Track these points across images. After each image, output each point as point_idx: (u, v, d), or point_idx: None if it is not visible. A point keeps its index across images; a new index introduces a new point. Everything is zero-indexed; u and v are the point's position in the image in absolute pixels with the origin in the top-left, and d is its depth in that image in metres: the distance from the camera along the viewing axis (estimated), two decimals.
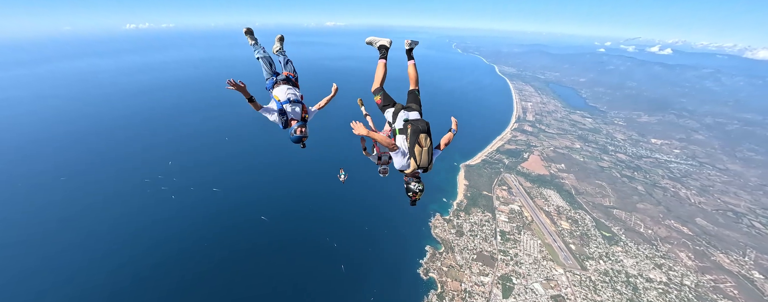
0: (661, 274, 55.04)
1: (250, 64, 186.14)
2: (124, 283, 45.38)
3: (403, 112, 5.92)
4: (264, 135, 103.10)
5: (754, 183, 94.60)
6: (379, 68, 6.45)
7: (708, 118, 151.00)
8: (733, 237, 67.38)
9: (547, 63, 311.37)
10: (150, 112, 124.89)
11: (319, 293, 45.45)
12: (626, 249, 60.70)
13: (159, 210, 62.78)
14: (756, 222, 74.51)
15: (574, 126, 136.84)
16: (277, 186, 73.92)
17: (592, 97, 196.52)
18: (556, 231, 64.08)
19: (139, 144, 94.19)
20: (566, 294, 48.94)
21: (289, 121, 6.21)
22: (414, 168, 5.39)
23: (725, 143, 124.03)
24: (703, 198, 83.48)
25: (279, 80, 6.74)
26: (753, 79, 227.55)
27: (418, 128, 5.35)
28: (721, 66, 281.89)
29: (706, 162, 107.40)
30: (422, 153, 5.28)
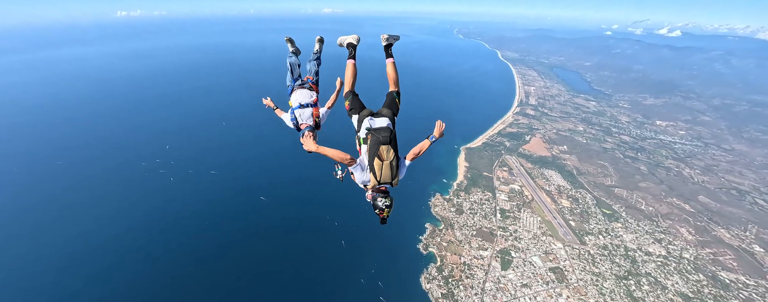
0: (660, 248, 55.31)
1: (245, 51, 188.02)
2: (126, 266, 45.74)
3: (369, 118, 5.29)
4: (261, 121, 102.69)
5: (759, 162, 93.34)
6: (347, 70, 5.88)
7: (715, 100, 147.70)
8: (735, 214, 67.16)
9: (552, 47, 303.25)
10: (146, 98, 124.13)
11: (320, 267, 46.28)
12: (626, 225, 60.81)
13: (159, 192, 63.30)
14: (760, 199, 74.00)
15: (577, 109, 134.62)
16: (275, 169, 74.13)
17: (597, 81, 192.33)
18: (556, 209, 64.16)
19: (136, 129, 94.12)
20: (565, 266, 49.48)
21: (300, 126, 6.25)
22: (374, 184, 4.93)
23: (732, 124, 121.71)
24: (706, 177, 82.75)
25: (296, 86, 6.77)
26: (764, 60, 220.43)
27: (378, 139, 4.83)
28: (732, 48, 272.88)
29: (712, 143, 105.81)
30: (383, 167, 4.78)
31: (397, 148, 5.00)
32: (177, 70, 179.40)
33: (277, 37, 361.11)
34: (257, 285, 43.82)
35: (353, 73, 5.87)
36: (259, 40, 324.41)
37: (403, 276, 45.52)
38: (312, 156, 5.64)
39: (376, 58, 36.45)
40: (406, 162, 5.16)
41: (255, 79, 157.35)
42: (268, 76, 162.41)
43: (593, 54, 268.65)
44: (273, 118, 7.04)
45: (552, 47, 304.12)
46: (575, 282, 46.69)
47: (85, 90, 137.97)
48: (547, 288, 45.43)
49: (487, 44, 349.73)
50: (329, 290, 42.82)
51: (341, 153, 4.86)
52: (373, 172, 4.84)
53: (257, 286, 43.60)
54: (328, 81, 7.08)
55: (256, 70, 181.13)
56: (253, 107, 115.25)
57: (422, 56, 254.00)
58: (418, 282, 44.57)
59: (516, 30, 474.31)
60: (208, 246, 49.68)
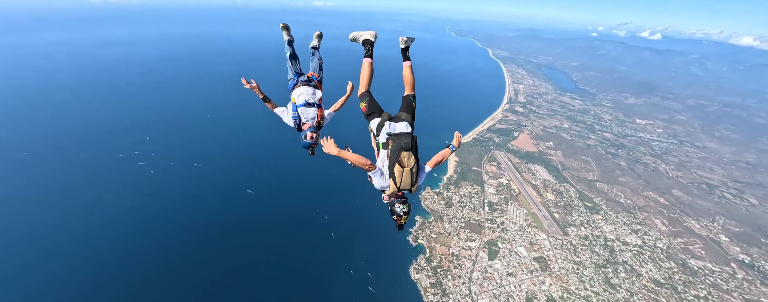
0: (636, 238, 58.25)
1: (233, 42, 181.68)
2: (99, 263, 43.33)
3: (389, 123, 5.17)
4: (248, 114, 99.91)
5: (727, 159, 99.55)
6: (364, 69, 5.60)
7: (691, 101, 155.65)
8: (705, 206, 71.50)
9: (541, 47, 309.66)
10: (124, 88, 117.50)
11: (310, 259, 45.96)
12: (606, 217, 63.59)
13: (137, 185, 60.41)
14: (727, 193, 79.10)
15: (563, 107, 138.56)
16: (263, 162, 72.42)
17: (583, 80, 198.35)
18: (541, 202, 66.20)
19: (114, 119, 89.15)
20: (548, 256, 51.34)
21: (301, 125, 5.92)
22: (393, 190, 4.84)
23: (705, 123, 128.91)
24: (680, 173, 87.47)
25: (300, 81, 6.33)
26: (736, 64, 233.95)
27: (400, 145, 4.72)
28: (707, 52, 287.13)
29: (686, 141, 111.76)
30: (403, 174, 4.69)
31: (417, 154, 4.89)
32: (159, 59, 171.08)
33: (267, 28, 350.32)
34: (245, 278, 43.09)
35: (370, 72, 5.61)
36: (248, 32, 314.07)
37: (393, 267, 45.93)
38: (299, 153, 5.32)
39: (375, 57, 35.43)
40: (427, 169, 5.11)
41: (242, 71, 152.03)
42: (256, 69, 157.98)
43: (579, 54, 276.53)
44: (262, 111, 6.47)
45: (541, 47, 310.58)
46: (557, 271, 48.58)
47: (57, 77, 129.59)
48: (531, 276, 47.04)
49: (479, 42, 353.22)
50: (318, 281, 42.67)
51: (362, 159, 4.77)
52: (393, 178, 4.75)
53: (245, 279, 42.88)
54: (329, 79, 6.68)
55: (243, 62, 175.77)
56: (241, 100, 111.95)
57: (415, 53, 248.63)
58: (408, 273, 45.11)
59: (507, 29, 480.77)
60: (193, 240, 48.27)
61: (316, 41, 7.12)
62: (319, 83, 6.57)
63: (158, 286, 40.96)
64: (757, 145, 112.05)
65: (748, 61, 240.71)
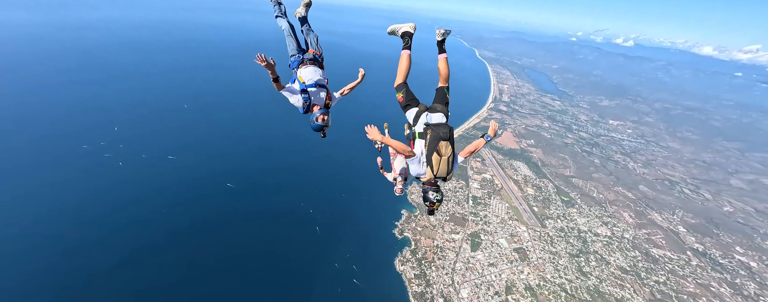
0: (606, 230, 62.36)
1: (210, 30, 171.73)
2: (59, 264, 39.90)
3: (427, 114, 5.37)
4: (229, 105, 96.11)
5: (687, 157, 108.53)
6: (402, 60, 5.69)
7: (657, 104, 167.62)
8: (666, 200, 77.68)
9: (524, 50, 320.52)
10: (90, 75, 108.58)
11: (293, 253, 45.20)
12: (580, 210, 67.49)
13: (103, 178, 55.93)
14: (686, 188, 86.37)
15: (544, 107, 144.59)
16: (245, 156, 69.61)
17: (562, 83, 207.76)
18: (522, 196, 69.08)
19: (77, 108, 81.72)
20: (527, 247, 53.84)
21: (311, 107, 5.68)
22: (430, 177, 5.01)
23: (669, 125, 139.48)
24: (646, 170, 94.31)
25: (306, 59, 6.05)
26: (697, 72, 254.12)
27: (438, 135, 4.92)
28: (673, 59, 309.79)
29: (652, 141, 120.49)
30: (440, 162, 4.88)
31: (454, 144, 5.07)
32: (131, 45, 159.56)
33: (247, 18, 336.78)
34: (226, 272, 41.76)
35: (408, 64, 5.69)
36: (230, 21, 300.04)
37: (378, 259, 46.29)
38: (286, 140, 5.18)
39: (356, 37, 34.68)
40: (460, 158, 5.28)
41: (221, 61, 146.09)
42: (237, 58, 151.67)
43: (560, 58, 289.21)
44: (243, 102, 5.94)
45: (525, 49, 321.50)
46: (535, 260, 51.10)
47: (15, 62, 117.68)
48: (511, 266, 49.16)
49: (466, 42, 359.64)
50: (302, 275, 42.17)
51: (404, 146, 4.96)
52: (430, 166, 4.92)
53: (226, 274, 41.56)
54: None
55: (221, 50, 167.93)
56: (221, 90, 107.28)
57: (398, 50, 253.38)
58: (393, 265, 45.66)
59: (493, 31, 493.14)
60: (168, 233, 45.94)
61: (303, 10, 6.77)
62: (321, 62, 6.38)
63: (129, 285, 38.79)
64: (713, 145, 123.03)
65: (707, 70, 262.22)
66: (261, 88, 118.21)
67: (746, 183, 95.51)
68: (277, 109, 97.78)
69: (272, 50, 6.66)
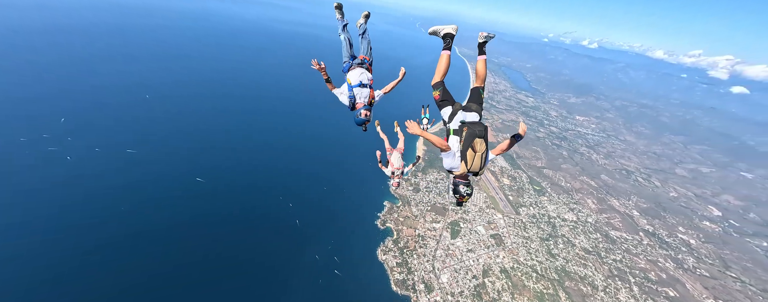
0: (572, 215, 67.50)
1: (176, 16, 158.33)
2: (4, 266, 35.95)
3: (461, 112, 5.68)
4: (197, 96, 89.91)
5: (641, 150, 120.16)
6: (442, 60, 5.94)
7: (617, 102, 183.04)
8: (623, 188, 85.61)
9: (501, 49, 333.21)
10: (34, 59, 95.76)
11: (272, 247, 43.79)
12: (550, 198, 72.31)
13: (47, 172, 49.81)
14: (640, 177, 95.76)
15: (519, 103, 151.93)
16: (216, 150, 65.15)
17: (535, 81, 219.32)
18: (498, 186, 72.46)
19: (14, 97, 71.91)
20: (502, 233, 56.80)
21: (356, 104, 6.45)
22: (463, 171, 5.26)
23: (626, 120, 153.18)
24: (607, 161, 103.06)
25: (355, 63, 6.79)
26: (650, 73, 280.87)
27: (474, 132, 5.18)
28: (631, 62, 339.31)
29: (612, 135, 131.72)
30: (475, 158, 5.14)
31: (488, 141, 5.24)
32: (83, 29, 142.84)
33: (216, 5, 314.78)
34: (200, 268, 39.43)
35: (447, 64, 5.92)
36: (196, 7, 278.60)
37: (361, 250, 46.31)
38: (262, 135, 4.80)
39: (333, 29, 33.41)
40: (491, 155, 5.51)
41: (186, 49, 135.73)
42: (204, 47, 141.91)
43: (533, 58, 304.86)
44: (215, 93, 5.68)
45: (501, 49, 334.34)
46: (510, 245, 54.09)
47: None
48: (488, 251, 51.62)
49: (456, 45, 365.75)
50: (281, 268, 41.03)
51: (441, 140, 5.16)
52: (464, 161, 5.15)
53: (201, 270, 39.25)
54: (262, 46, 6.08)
55: (190, 38, 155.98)
56: (190, 81, 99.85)
57: (386, 46, 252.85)
58: (375, 255, 45.93)
59: (472, 30, 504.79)
60: (128, 233, 42.26)
61: (364, 20, 7.40)
62: (369, 66, 6.96)
63: (91, 288, 35.30)
64: (662, 139, 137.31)
65: (659, 71, 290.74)
66: (233, 79, 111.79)
67: (688, 171, 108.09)
68: (250, 102, 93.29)
69: (243, 36, 6.46)
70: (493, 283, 45.75)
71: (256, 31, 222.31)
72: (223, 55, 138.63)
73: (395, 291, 40.82)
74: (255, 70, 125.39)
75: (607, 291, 49.51)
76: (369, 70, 6.90)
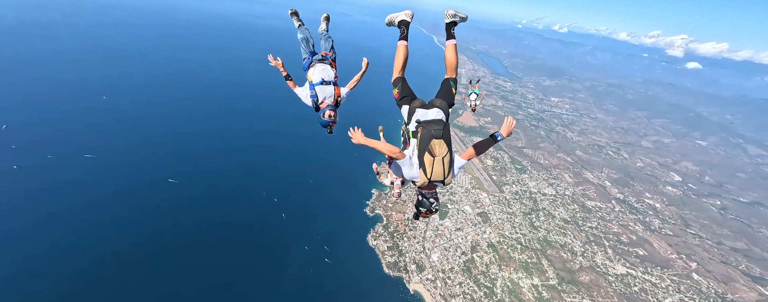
0: (551, 189, 71.11)
1: (132, 14, 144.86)
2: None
3: (419, 110, 4.67)
4: (161, 96, 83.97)
5: (610, 126, 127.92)
6: (398, 53, 5.02)
7: (587, 82, 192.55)
8: (596, 161, 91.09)
9: (478, 36, 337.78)
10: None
11: (258, 242, 42.61)
12: (531, 175, 75.60)
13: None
14: (610, 151, 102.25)
15: (498, 88, 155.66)
16: (188, 150, 61.47)
17: (512, 66, 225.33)
18: (482, 167, 74.57)
19: None
20: (488, 210, 58.88)
21: (320, 104, 5.79)
22: (423, 181, 4.34)
23: (596, 99, 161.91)
24: (580, 138, 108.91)
25: (315, 60, 6.16)
26: (615, 54, 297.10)
27: (430, 133, 4.29)
28: (598, 44, 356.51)
29: (584, 113, 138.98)
30: (434, 163, 4.22)
31: (451, 143, 4.40)
32: (20, 27, 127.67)
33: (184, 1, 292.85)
34: (184, 269, 37.61)
35: (405, 56, 5.04)
36: (162, 2, 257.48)
37: (351, 237, 46.24)
38: (233, 136, 3.92)
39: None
40: (461, 159, 4.58)
41: (149, 49, 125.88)
42: (168, 47, 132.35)
43: (508, 44, 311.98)
44: (177, 94, 4.67)
45: (478, 36, 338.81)
46: (495, 221, 56.26)
47: None
48: (475, 228, 53.38)
49: (424, 29, 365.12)
50: (270, 261, 40.14)
51: (390, 147, 4.38)
52: (423, 168, 4.27)
53: (184, 270, 37.44)
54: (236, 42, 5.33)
55: (149, 38, 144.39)
56: (147, 81, 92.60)
57: (364, 36, 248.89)
58: (366, 241, 46.06)
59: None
60: (100, 240, 39.37)
61: (325, 25, 6.86)
62: (332, 61, 6.41)
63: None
64: (628, 114, 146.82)
65: (623, 52, 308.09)
66: (204, 77, 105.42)
67: (651, 143, 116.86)
68: (223, 101, 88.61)
69: (214, 33, 5.52)
70: (481, 257, 47.53)
71: (228, 26, 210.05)
72: (193, 52, 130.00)
73: (387, 273, 41.33)
74: (227, 68, 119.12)
75: (585, 255, 53.05)
76: (333, 66, 6.30)
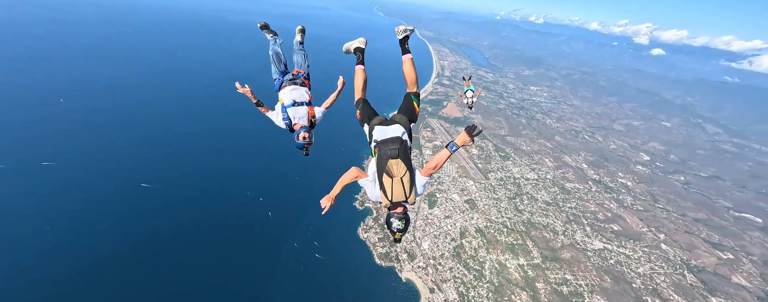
0: (534, 174, 74.07)
1: (92, 9, 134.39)
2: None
3: (378, 128, 4.55)
4: (125, 99, 78.58)
5: (585, 111, 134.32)
6: (356, 77, 5.15)
7: (563, 71, 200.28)
8: (574, 146, 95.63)
9: (459, 29, 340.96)
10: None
11: (245, 242, 41.43)
12: (514, 161, 78.24)
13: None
14: (586, 135, 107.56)
15: (480, 79, 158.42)
16: (161, 154, 57.73)
17: (493, 57, 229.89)
18: (468, 156, 76.20)
19: None
20: (475, 197, 60.50)
21: (293, 126, 5.61)
22: (386, 203, 4.30)
23: (572, 87, 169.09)
24: (559, 124, 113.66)
25: (285, 80, 6.01)
26: (587, 44, 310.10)
27: (386, 153, 4.20)
28: (572, 34, 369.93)
29: (562, 101, 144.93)
30: (393, 184, 4.17)
31: (409, 161, 4.28)
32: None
33: None
34: (169, 275, 35.94)
35: (364, 79, 5.14)
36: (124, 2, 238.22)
37: (341, 232, 46.03)
38: (207, 137, 3.27)
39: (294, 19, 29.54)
40: (422, 177, 4.43)
41: (110, 49, 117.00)
42: (126, 42, 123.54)
43: (488, 35, 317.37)
44: (144, 97, 4.01)
45: (459, 29, 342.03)
46: (482, 207, 57.97)
47: None
48: (463, 215, 54.77)
49: (405, 23, 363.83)
50: (259, 261, 39.23)
51: (348, 176, 4.33)
52: (383, 190, 4.23)
53: (170, 275, 35.78)
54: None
55: (112, 36, 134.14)
56: (113, 82, 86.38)
57: (345, 30, 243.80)
58: (356, 234, 46.05)
59: (430, 12, 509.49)
60: (65, 256, 36.74)
61: (300, 37, 6.69)
62: (305, 79, 6.21)
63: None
64: (601, 100, 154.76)
65: (594, 41, 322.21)
66: (176, 76, 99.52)
67: (623, 126, 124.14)
68: (193, 101, 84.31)
69: (167, 30, 4.83)
70: (470, 242, 48.97)
71: (195, 22, 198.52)
72: (161, 50, 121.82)
73: (379, 264, 41.67)
74: (199, 67, 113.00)
75: (566, 234, 56.05)
76: (306, 84, 6.15)
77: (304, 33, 6.73)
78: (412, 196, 4.32)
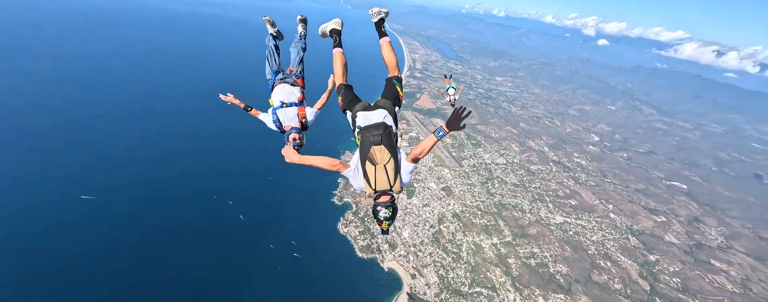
0: (502, 159, 79.03)
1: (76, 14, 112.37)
2: None
3: (361, 114, 4.33)
4: (67, 99, 68.97)
5: (545, 99, 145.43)
6: (335, 60, 4.88)
7: (525, 62, 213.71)
8: (536, 131, 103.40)
9: (428, 22, 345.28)
10: None
11: (217, 249, 38.95)
12: (485, 148, 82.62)
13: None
14: (546, 121, 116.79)
15: (450, 71, 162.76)
16: (107, 161, 51.67)
17: (461, 50, 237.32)
18: (442, 146, 78.66)
19: None
20: (451, 184, 63.09)
21: (284, 127, 5.35)
22: (370, 192, 4.06)
23: (533, 77, 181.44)
24: (523, 112, 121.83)
25: (277, 80, 5.62)
26: (544, 36, 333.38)
27: (369, 139, 3.99)
28: (530, 27, 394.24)
29: (524, 90, 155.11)
30: (376, 172, 3.93)
31: (394, 148, 4.06)
32: None
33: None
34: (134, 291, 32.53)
35: (343, 63, 4.90)
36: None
37: (320, 228, 45.29)
38: (165, 138, 2.66)
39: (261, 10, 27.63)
40: (408, 164, 4.20)
41: (71, 44, 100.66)
42: (90, 41, 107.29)
43: (456, 29, 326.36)
44: (97, 96, 3.05)
45: (428, 22, 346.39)
46: (458, 193, 60.70)
47: None
48: (440, 202, 56.92)
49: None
50: (233, 267, 37.23)
51: (328, 160, 4.17)
52: (366, 179, 4.01)
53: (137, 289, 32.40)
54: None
55: (71, 29, 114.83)
56: (67, 78, 74.64)
57: (313, 22, 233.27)
58: (337, 229, 45.64)
59: (398, 5, 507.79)
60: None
61: (302, 28, 6.28)
62: (298, 79, 5.91)
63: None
64: (558, 88, 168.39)
65: (550, 34, 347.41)
66: (119, 75, 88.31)
67: (576, 111, 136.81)
68: (145, 100, 75.92)
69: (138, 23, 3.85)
70: (447, 227, 51.21)
71: (151, 15, 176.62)
72: (120, 48, 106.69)
73: (361, 256, 41.91)
74: (156, 64, 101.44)
75: (532, 212, 61.06)
76: (298, 83, 5.84)
77: (305, 23, 6.23)
78: (397, 184, 4.07)
